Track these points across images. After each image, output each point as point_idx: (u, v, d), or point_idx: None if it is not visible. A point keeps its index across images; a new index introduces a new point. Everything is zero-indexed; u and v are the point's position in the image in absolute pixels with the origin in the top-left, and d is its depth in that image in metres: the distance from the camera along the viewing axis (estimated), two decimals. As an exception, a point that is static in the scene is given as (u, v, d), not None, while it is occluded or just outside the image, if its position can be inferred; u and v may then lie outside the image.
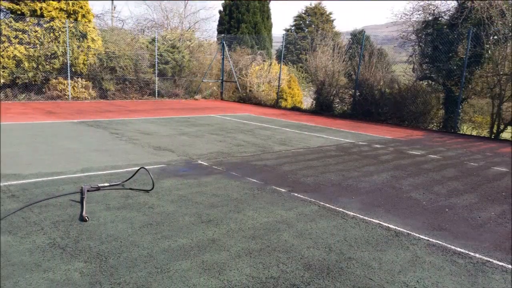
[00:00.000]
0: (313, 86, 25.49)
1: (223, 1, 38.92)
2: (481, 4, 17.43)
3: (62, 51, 21.02)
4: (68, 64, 21.26)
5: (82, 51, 21.74)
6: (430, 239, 5.79)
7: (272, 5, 42.66)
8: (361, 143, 13.68)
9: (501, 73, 17.16)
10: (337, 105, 23.04)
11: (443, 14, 19.51)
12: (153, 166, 8.93)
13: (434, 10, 19.55)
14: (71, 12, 21.39)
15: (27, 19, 20.18)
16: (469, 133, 18.05)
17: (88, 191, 6.85)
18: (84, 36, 21.87)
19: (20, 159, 8.98)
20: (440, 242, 5.70)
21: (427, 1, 19.51)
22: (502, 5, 17.32)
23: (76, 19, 21.59)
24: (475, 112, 18.48)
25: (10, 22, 19.78)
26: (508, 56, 17.03)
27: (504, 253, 5.47)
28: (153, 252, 4.87)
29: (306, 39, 40.08)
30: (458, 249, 5.52)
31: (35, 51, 20.32)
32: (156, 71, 25.11)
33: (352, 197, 7.56)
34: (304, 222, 6.15)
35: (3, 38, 19.46)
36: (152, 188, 7.23)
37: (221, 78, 28.56)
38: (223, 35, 32.13)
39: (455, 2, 18.95)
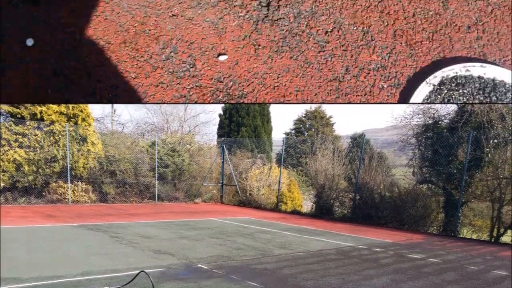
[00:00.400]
0: (313, 189, 25.61)
1: (223, 105, 39.65)
2: (481, 108, 17.71)
3: (62, 155, 21.28)
4: (68, 168, 21.50)
5: (82, 154, 22.05)
6: None
7: (272, 109, 43.54)
8: (361, 246, 13.66)
9: (501, 176, 17.28)
10: (337, 209, 23.03)
11: (443, 118, 19.86)
12: (153, 269, 8.91)
13: (434, 114, 19.92)
14: (71, 115, 21.88)
15: (27, 122, 20.66)
16: (469, 237, 17.95)
17: (87, 295, 6.82)
18: (84, 139, 22.27)
19: (20, 262, 8.98)
20: None
21: (427, 105, 19.86)
22: (502, 109, 17.64)
23: (76, 123, 22.05)
24: (475, 215, 18.46)
25: (10, 125, 20.20)
26: (508, 159, 17.22)
27: None
28: None
29: (306, 143, 40.66)
30: None
31: (35, 154, 20.58)
32: (156, 175, 25.34)
33: (352, 301, 7.52)
34: (305, 326, 6.11)
35: (3, 142, 19.83)
36: (152, 292, 7.20)
37: (221, 181, 28.79)
38: (223, 138, 32.65)
39: (455, 105, 19.32)
